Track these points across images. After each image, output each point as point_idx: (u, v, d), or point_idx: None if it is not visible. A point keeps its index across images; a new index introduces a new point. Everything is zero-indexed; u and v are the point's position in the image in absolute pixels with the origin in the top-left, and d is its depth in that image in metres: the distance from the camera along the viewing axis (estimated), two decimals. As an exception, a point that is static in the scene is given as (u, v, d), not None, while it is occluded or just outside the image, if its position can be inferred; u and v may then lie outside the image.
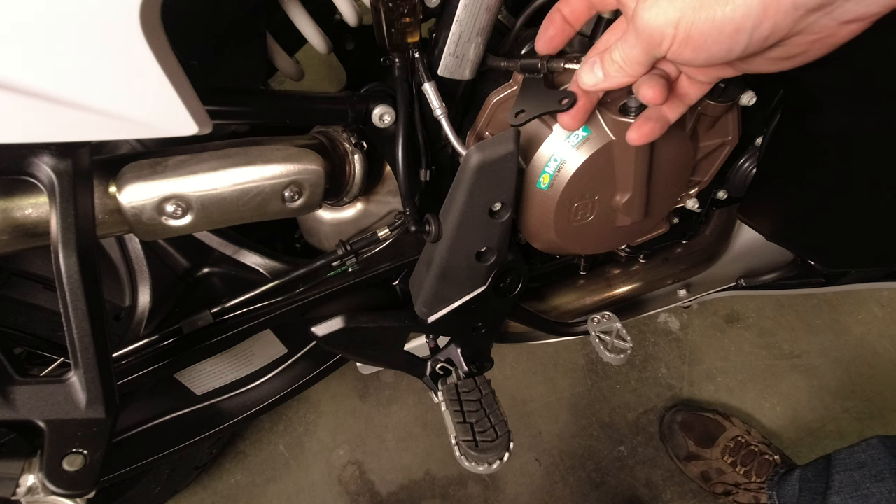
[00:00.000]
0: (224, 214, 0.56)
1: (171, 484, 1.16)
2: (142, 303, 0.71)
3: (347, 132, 0.70)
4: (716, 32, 0.38)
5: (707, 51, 0.40)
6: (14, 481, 0.47)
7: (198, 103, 0.42)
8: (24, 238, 0.50)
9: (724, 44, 0.39)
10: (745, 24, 0.37)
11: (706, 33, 0.38)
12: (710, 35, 0.38)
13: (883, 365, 1.48)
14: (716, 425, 1.31)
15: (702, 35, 0.39)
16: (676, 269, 1.08)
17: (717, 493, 1.27)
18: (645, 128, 0.53)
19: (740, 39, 0.38)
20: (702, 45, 0.39)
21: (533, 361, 1.48)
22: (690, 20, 0.38)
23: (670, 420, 1.35)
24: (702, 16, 0.38)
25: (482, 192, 0.57)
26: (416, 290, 0.71)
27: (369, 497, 1.30)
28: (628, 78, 0.47)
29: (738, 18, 0.37)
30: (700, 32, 0.38)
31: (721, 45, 0.39)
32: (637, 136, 0.53)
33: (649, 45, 0.42)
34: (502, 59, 0.65)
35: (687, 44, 0.40)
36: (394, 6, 0.57)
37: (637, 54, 0.44)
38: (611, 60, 0.46)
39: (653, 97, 0.46)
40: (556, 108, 0.60)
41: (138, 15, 0.35)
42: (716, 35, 0.38)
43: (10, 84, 0.36)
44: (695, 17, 0.38)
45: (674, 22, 0.39)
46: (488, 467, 0.70)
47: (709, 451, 1.28)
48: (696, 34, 0.39)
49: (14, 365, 0.46)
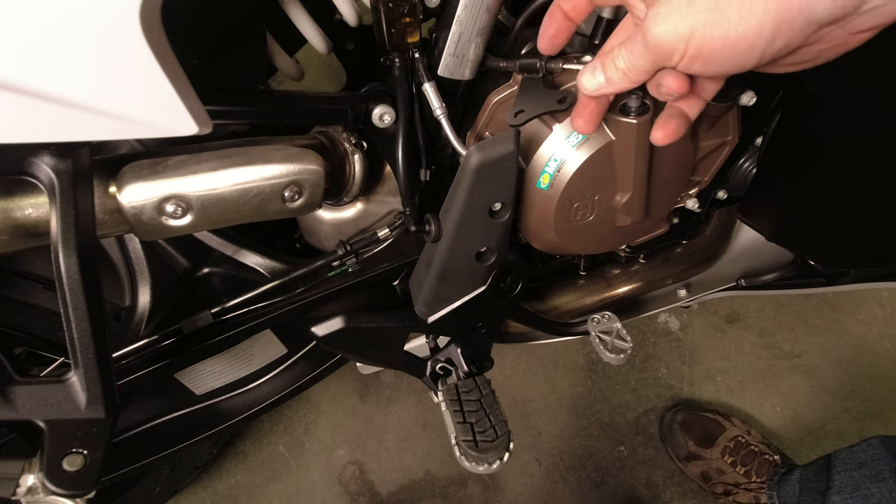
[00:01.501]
0: (224, 214, 0.56)
1: (171, 484, 1.16)
2: (142, 303, 0.71)
3: (347, 132, 0.70)
4: (728, 50, 0.38)
5: (718, 65, 0.39)
6: (14, 481, 0.47)
7: (198, 103, 0.42)
8: (24, 238, 0.50)
9: (736, 59, 0.38)
10: (757, 41, 0.37)
11: (718, 50, 0.38)
12: (722, 52, 0.38)
13: (883, 365, 1.48)
14: (716, 425, 1.31)
15: (713, 51, 0.38)
16: (676, 269, 1.08)
17: (717, 493, 1.27)
18: (669, 126, 0.51)
19: (752, 55, 0.38)
20: (713, 60, 0.39)
21: (533, 361, 1.48)
22: (702, 36, 0.37)
23: (670, 420, 1.35)
24: (714, 33, 0.37)
25: (482, 192, 0.57)
26: (416, 290, 0.71)
27: (369, 497, 1.30)
28: (630, 84, 0.46)
29: (750, 37, 0.36)
30: (712, 49, 0.38)
31: (733, 60, 0.38)
32: (662, 136, 0.52)
33: (658, 58, 0.41)
34: (501, 60, 0.65)
35: (697, 58, 0.39)
36: (394, 6, 0.57)
37: (643, 64, 0.43)
38: (614, 67, 0.45)
39: (677, 87, 0.44)
40: (554, 108, 0.60)
41: (138, 15, 0.35)
42: (728, 52, 0.38)
43: (11, 84, 0.36)
44: (706, 33, 0.37)
45: (685, 38, 0.38)
46: (488, 467, 0.70)
47: (709, 451, 1.28)
48: (708, 50, 0.38)
49: (14, 365, 0.46)
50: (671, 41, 0.39)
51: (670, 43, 0.39)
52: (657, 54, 0.41)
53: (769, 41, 0.36)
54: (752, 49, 0.37)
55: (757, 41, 0.37)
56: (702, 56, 0.39)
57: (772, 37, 0.36)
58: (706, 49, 0.38)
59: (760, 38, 0.36)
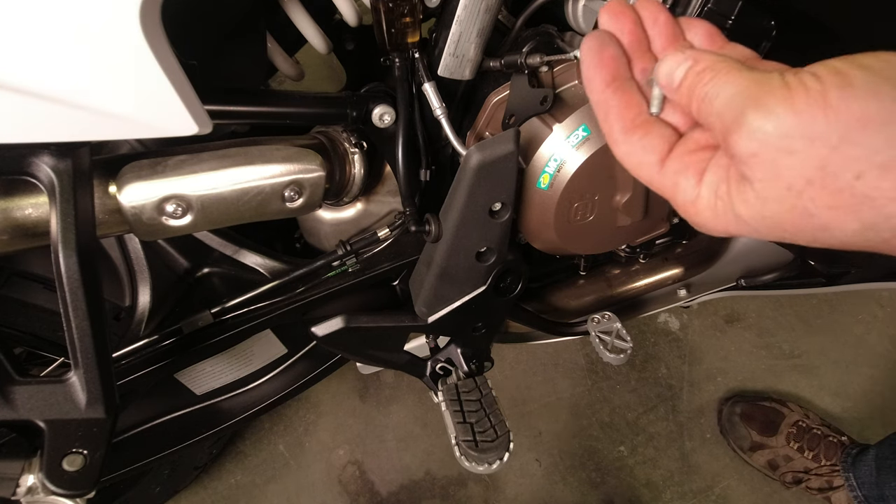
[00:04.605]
0: (224, 214, 0.56)
1: (171, 484, 1.16)
2: (142, 303, 0.70)
3: (347, 132, 0.70)
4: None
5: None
6: (14, 481, 0.47)
7: (198, 103, 0.42)
8: (24, 238, 0.50)
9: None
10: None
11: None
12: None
13: (883, 365, 1.48)
14: (775, 413, 1.29)
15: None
16: (676, 269, 1.08)
17: (786, 483, 1.24)
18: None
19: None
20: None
21: (533, 361, 1.48)
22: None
23: (729, 413, 1.33)
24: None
25: (482, 192, 0.57)
26: (416, 290, 0.71)
27: (369, 497, 1.30)
28: (678, 98, 0.35)
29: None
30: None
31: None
32: None
33: (721, 139, 0.32)
34: (491, 59, 0.65)
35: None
36: (394, 6, 0.57)
37: (709, 114, 0.32)
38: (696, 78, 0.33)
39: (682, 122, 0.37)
40: (537, 109, 0.60)
41: (138, 15, 0.35)
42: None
43: (10, 84, 0.36)
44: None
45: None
46: (488, 467, 0.70)
47: (773, 440, 1.26)
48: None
49: (14, 365, 0.46)
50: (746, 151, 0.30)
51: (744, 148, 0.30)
52: (724, 138, 0.31)
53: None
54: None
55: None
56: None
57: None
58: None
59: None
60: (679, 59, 0.33)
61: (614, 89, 0.37)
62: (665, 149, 0.35)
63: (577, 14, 0.69)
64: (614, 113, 0.36)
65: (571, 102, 0.67)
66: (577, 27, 0.70)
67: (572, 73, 0.69)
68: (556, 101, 0.68)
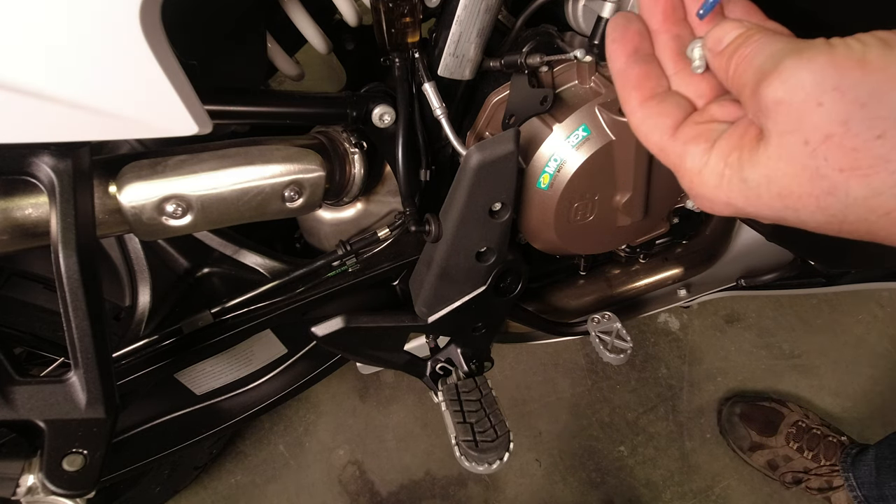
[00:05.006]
0: (224, 214, 0.56)
1: (171, 484, 1.16)
2: (142, 303, 0.71)
3: (347, 132, 0.70)
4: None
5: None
6: (14, 481, 0.47)
7: (198, 103, 0.42)
8: (24, 238, 0.50)
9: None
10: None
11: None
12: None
13: (883, 365, 1.48)
14: (774, 413, 1.29)
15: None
16: (676, 269, 1.08)
17: (786, 483, 1.24)
18: None
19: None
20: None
21: (533, 361, 1.48)
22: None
23: (729, 413, 1.34)
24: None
25: (482, 192, 0.57)
26: (416, 290, 0.71)
27: (369, 497, 1.30)
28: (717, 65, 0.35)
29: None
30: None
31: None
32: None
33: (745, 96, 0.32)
34: (491, 59, 0.65)
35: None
36: (394, 6, 0.57)
37: (744, 78, 0.32)
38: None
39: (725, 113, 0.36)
40: (537, 109, 0.60)
41: (138, 15, 0.35)
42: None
43: (10, 84, 0.36)
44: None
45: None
46: (488, 467, 0.70)
47: (773, 440, 1.26)
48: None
49: (14, 365, 0.46)
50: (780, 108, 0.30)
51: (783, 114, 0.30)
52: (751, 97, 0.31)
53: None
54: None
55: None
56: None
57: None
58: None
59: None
60: (735, 25, 0.34)
61: (635, 60, 0.38)
62: (680, 116, 0.36)
63: (577, 14, 0.69)
64: (633, 83, 0.38)
65: (571, 102, 0.67)
66: (577, 27, 0.70)
67: (572, 73, 0.69)
68: (556, 101, 0.68)
